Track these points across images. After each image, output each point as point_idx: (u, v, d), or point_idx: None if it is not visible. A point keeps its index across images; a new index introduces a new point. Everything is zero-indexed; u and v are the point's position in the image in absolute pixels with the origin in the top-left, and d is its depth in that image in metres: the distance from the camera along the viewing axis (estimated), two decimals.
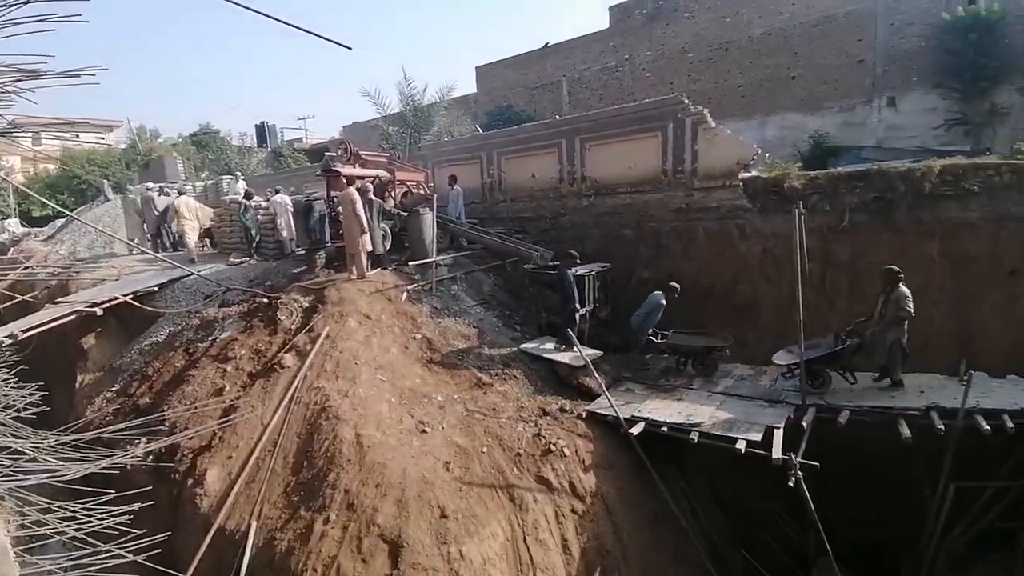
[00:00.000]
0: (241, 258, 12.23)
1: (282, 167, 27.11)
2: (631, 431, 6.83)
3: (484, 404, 7.30)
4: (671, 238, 10.87)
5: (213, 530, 5.75)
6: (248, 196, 12.70)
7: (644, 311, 8.66)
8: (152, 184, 15.99)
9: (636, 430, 6.86)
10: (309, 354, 7.51)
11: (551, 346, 8.74)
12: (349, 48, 3.89)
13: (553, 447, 6.54)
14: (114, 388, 8.69)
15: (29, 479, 3.18)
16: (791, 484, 5.80)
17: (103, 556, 3.00)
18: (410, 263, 10.23)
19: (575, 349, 8.09)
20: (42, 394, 3.99)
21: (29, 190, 12.86)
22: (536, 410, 7.31)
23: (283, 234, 12.14)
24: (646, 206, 11.24)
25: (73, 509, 3.18)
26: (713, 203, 10.44)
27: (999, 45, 15.56)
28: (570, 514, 6.12)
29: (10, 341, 7.28)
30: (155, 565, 3.44)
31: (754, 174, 10.28)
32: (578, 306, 8.68)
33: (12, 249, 16.13)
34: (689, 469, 7.90)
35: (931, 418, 6.42)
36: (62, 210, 9.43)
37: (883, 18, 17.47)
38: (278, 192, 12.77)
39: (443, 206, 12.02)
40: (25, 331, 8.17)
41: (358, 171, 10.82)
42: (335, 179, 10.56)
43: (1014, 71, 15.49)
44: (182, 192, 14.62)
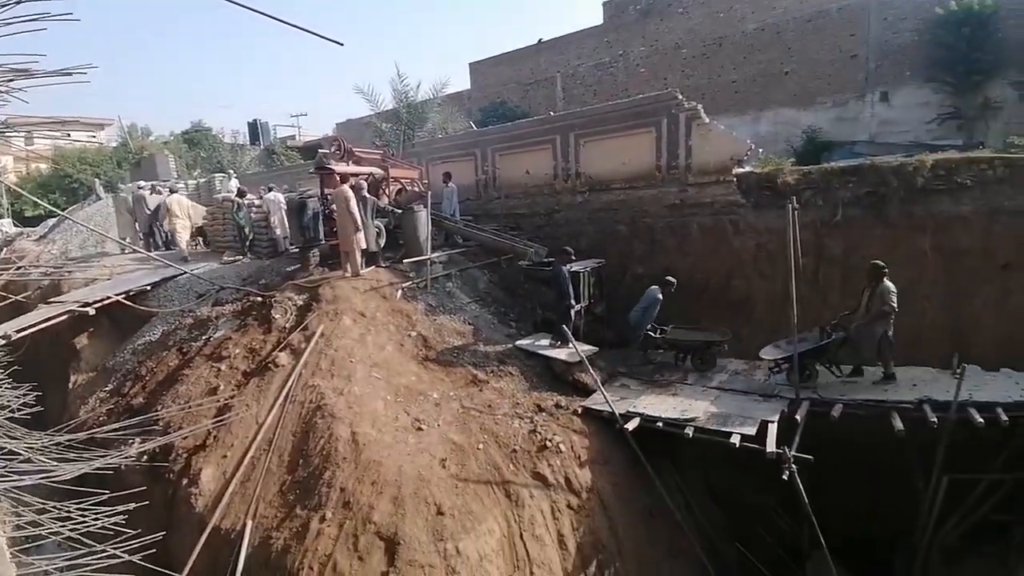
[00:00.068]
0: (234, 256, 12.17)
1: (275, 165, 26.98)
2: (626, 426, 6.86)
3: (480, 401, 7.30)
4: (665, 234, 10.89)
5: (208, 530, 5.74)
6: (241, 194, 12.62)
7: (641, 306, 8.68)
8: (144, 182, 15.92)
9: (631, 425, 6.90)
10: (304, 352, 7.49)
11: (546, 342, 8.76)
12: (341, 44, 3.86)
13: (549, 443, 6.56)
14: (107, 388, 8.64)
15: (24, 479, 3.17)
16: (785, 478, 5.86)
17: (98, 556, 3.00)
18: (405, 260, 10.22)
19: (570, 345, 8.10)
20: (36, 394, 3.97)
21: (21, 190, 12.78)
22: (532, 406, 7.32)
23: (276, 232, 12.09)
24: (640, 202, 11.26)
25: (68, 509, 3.18)
26: (707, 199, 10.46)
27: (992, 39, 15.62)
28: (566, 509, 6.14)
29: (3, 342, 7.23)
30: (150, 565, 3.44)
31: (748, 169, 10.29)
32: (573, 302, 8.70)
33: (5, 249, 16.02)
34: (684, 464, 7.95)
35: (924, 411, 6.46)
36: (54, 209, 9.40)
37: (876, 13, 17.53)
38: (271, 190, 12.72)
39: (437, 203, 12.00)
40: (18, 331, 8.14)
41: (352, 168, 10.77)
42: (329, 176, 10.51)
43: (1007, 65, 15.56)
44: (173, 190, 14.54)
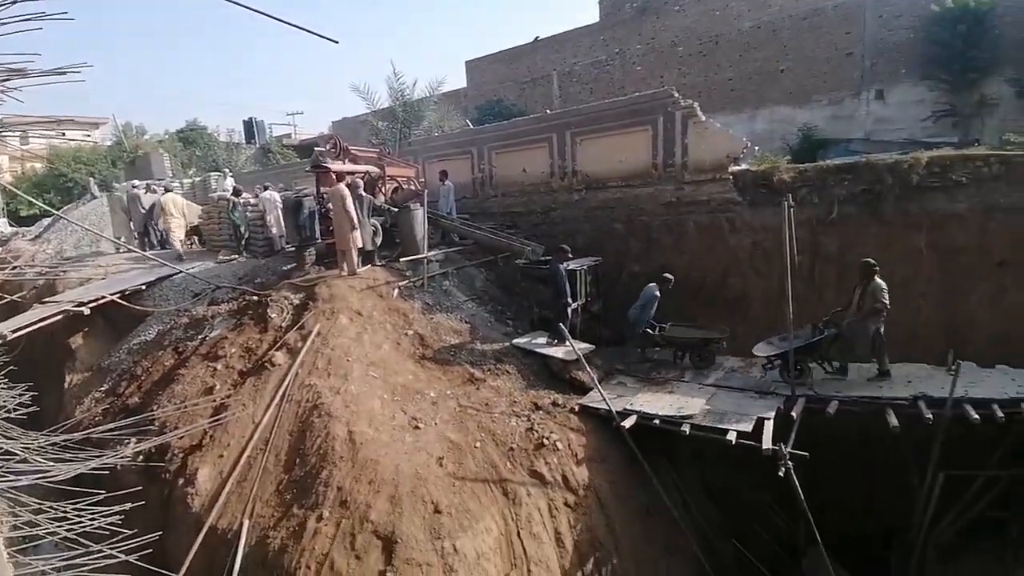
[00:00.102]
0: (230, 256, 12.13)
1: (271, 163, 26.91)
2: (623, 424, 6.87)
3: (477, 399, 7.30)
4: (662, 232, 10.90)
5: (205, 529, 5.72)
6: (236, 193, 12.58)
7: (639, 304, 8.68)
8: (138, 182, 15.84)
9: (628, 423, 6.90)
10: (300, 351, 7.47)
11: (543, 341, 8.76)
12: (336, 42, 3.85)
13: (546, 441, 6.56)
14: (103, 388, 8.60)
15: (21, 480, 3.18)
16: (781, 474, 5.87)
17: (95, 556, 3.00)
18: (401, 259, 10.20)
19: (567, 343, 8.11)
20: (31, 395, 3.96)
21: (17, 189, 12.70)
22: (529, 404, 7.33)
23: (272, 231, 12.05)
24: (637, 200, 11.26)
25: (64, 510, 3.17)
26: (703, 196, 10.48)
27: (988, 36, 15.58)
28: (563, 507, 6.15)
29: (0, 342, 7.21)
30: (147, 565, 3.44)
31: (744, 167, 10.31)
32: (570, 300, 8.71)
33: (1, 249, 15.92)
34: (681, 461, 7.96)
35: (919, 408, 6.48)
36: (49, 209, 9.33)
37: (872, 10, 17.55)
38: (267, 189, 12.68)
39: (434, 201, 11.98)
40: (14, 331, 8.09)
41: (348, 167, 10.74)
42: (325, 175, 10.48)
43: (1003, 62, 15.52)
44: (168, 189, 14.48)
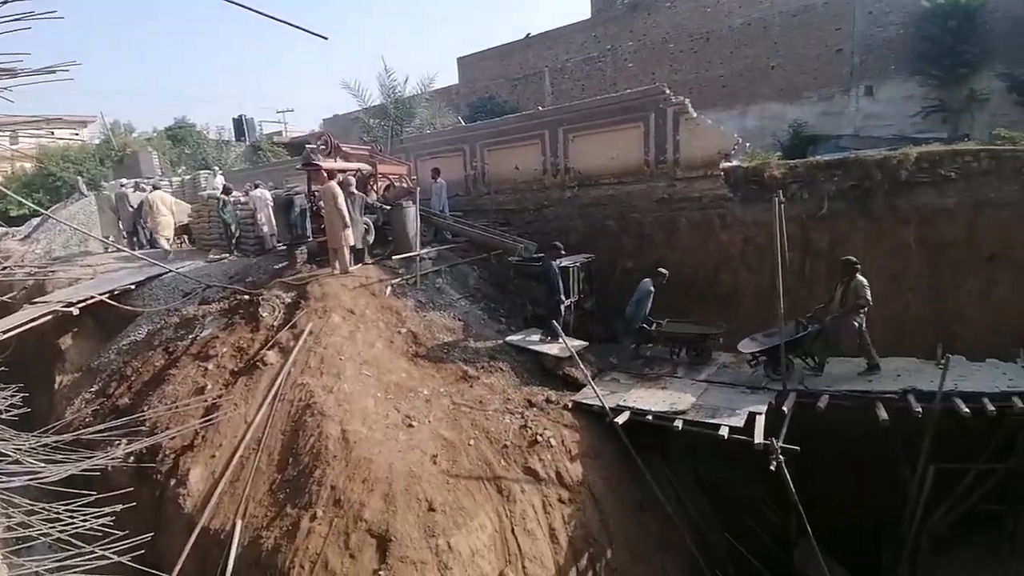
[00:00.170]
0: (221, 254, 12.04)
1: (261, 161, 26.69)
2: (616, 420, 6.88)
3: (470, 397, 7.30)
4: (654, 228, 10.93)
5: (197, 530, 5.70)
6: (227, 191, 12.47)
7: (634, 299, 8.68)
8: (126, 180, 15.68)
9: (621, 419, 6.92)
10: (292, 350, 7.44)
11: (537, 338, 8.76)
12: (325, 38, 3.82)
13: (540, 438, 6.57)
14: (93, 389, 8.53)
15: (13, 481, 3.17)
16: (772, 468, 5.92)
17: (88, 558, 3.00)
18: (394, 257, 10.17)
19: (561, 340, 8.12)
20: (22, 395, 3.94)
21: (6, 190, 12.56)
22: (522, 402, 7.34)
23: (263, 229, 11.96)
24: (629, 197, 11.29)
25: (56, 511, 3.17)
26: (695, 193, 10.52)
27: (979, 31, 15.63)
28: (557, 504, 6.17)
29: None
30: (139, 566, 3.42)
31: (735, 164, 10.36)
32: (563, 297, 8.71)
33: None
34: (674, 456, 8.01)
35: (908, 401, 6.54)
36: (38, 208, 9.29)
37: (861, 7, 17.64)
38: (257, 187, 12.57)
39: (426, 199, 11.94)
40: (4, 332, 8.00)
41: (339, 164, 10.68)
42: (316, 173, 10.41)
43: (994, 57, 15.55)
44: (157, 187, 14.32)
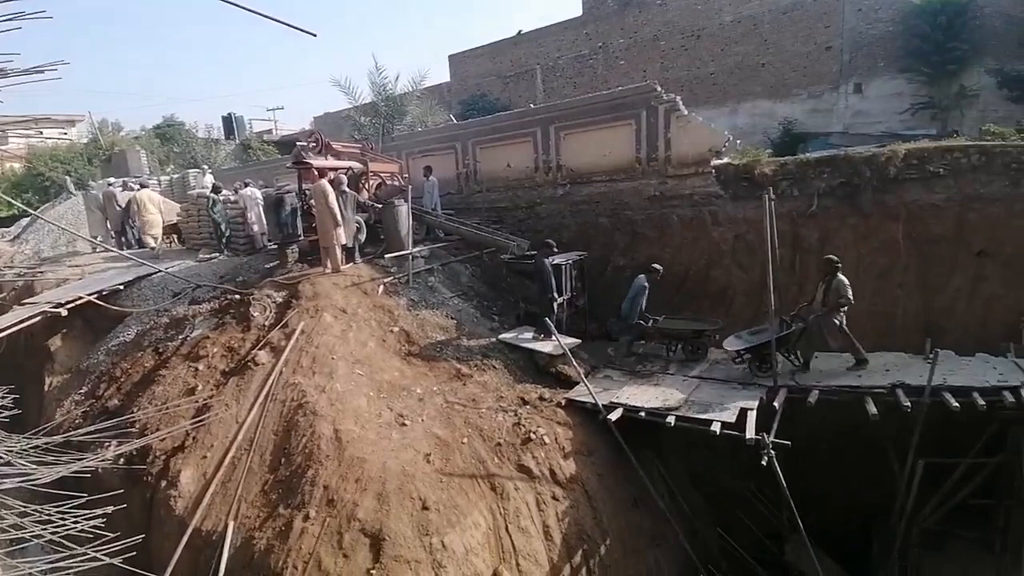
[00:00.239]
0: (211, 254, 11.93)
1: (251, 160, 26.46)
2: (610, 417, 6.92)
3: (464, 395, 7.30)
4: (646, 226, 10.96)
5: (189, 532, 5.65)
6: (216, 190, 12.35)
7: (629, 296, 8.68)
8: (114, 179, 15.48)
9: (614, 416, 6.95)
10: (284, 350, 7.40)
11: (530, 335, 8.77)
12: (314, 35, 3.80)
13: (533, 435, 6.58)
14: (82, 390, 8.43)
15: (4, 483, 3.17)
16: (764, 463, 5.97)
17: (80, 559, 3.01)
18: (386, 255, 10.13)
19: (554, 338, 8.13)
20: (13, 397, 3.91)
21: None
22: (516, 399, 7.34)
23: (254, 228, 11.87)
24: (621, 194, 11.31)
25: (48, 512, 3.16)
26: (686, 190, 10.55)
27: (969, 27, 15.66)
28: (551, 501, 6.17)
29: None
30: (131, 568, 3.41)
31: (726, 161, 10.40)
32: (556, 295, 8.73)
33: None
34: (666, 452, 8.06)
35: (897, 396, 6.61)
36: (27, 209, 9.22)
37: (851, 4, 17.71)
38: (247, 185, 12.47)
39: (418, 197, 11.90)
40: None
41: (330, 163, 10.62)
42: (307, 171, 10.36)
43: (984, 52, 15.60)
44: (144, 185, 14.14)
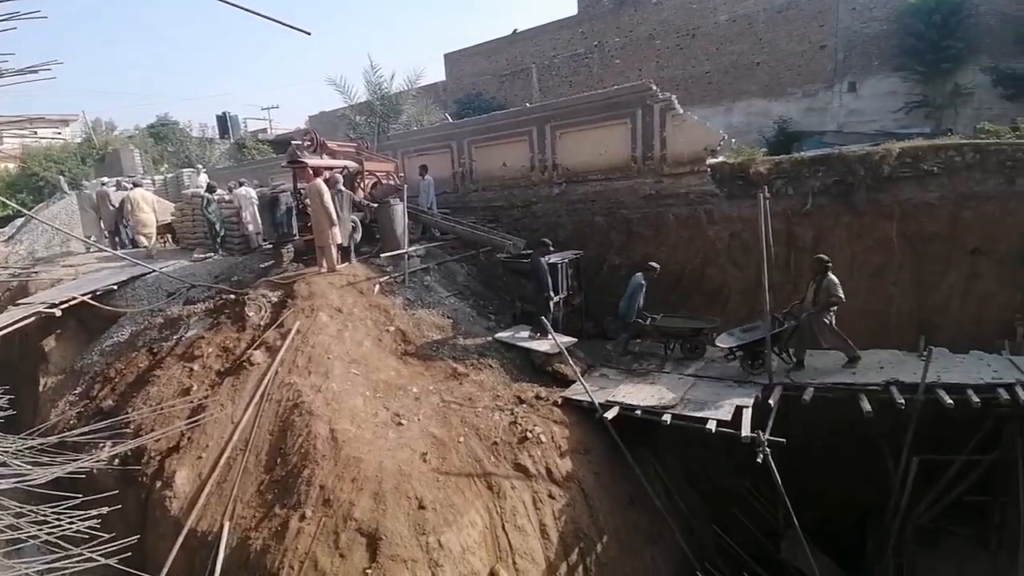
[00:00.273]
0: (205, 254, 11.87)
1: (246, 159, 26.36)
2: (606, 416, 6.93)
3: (460, 394, 7.30)
4: (642, 224, 10.98)
5: (184, 532, 5.63)
6: (211, 189, 12.29)
7: (627, 294, 8.68)
8: (107, 178, 15.38)
9: (611, 414, 6.96)
10: (279, 350, 7.37)
11: (526, 334, 8.77)
12: (308, 34, 3.79)
13: (529, 434, 6.58)
14: (76, 391, 8.38)
15: (1, 483, 3.18)
16: (759, 461, 5.99)
17: (75, 560, 3.02)
18: (381, 255, 10.12)
19: (550, 337, 8.14)
20: (8, 398, 3.89)
21: None
22: (512, 398, 7.35)
23: (249, 228, 11.81)
24: (616, 193, 11.32)
25: (44, 513, 3.17)
26: (682, 189, 10.57)
27: (964, 25, 15.71)
28: (547, 499, 6.18)
29: None
30: (126, 568, 3.41)
31: (721, 160, 10.41)
32: (552, 294, 8.72)
33: None
34: (663, 450, 8.07)
35: (891, 393, 6.64)
36: (21, 209, 9.20)
37: (845, 2, 17.78)
38: (242, 185, 12.40)
39: (414, 196, 11.89)
40: None
41: (326, 162, 10.58)
42: (302, 170, 10.31)
43: (980, 50, 15.64)
44: (138, 184, 14.03)
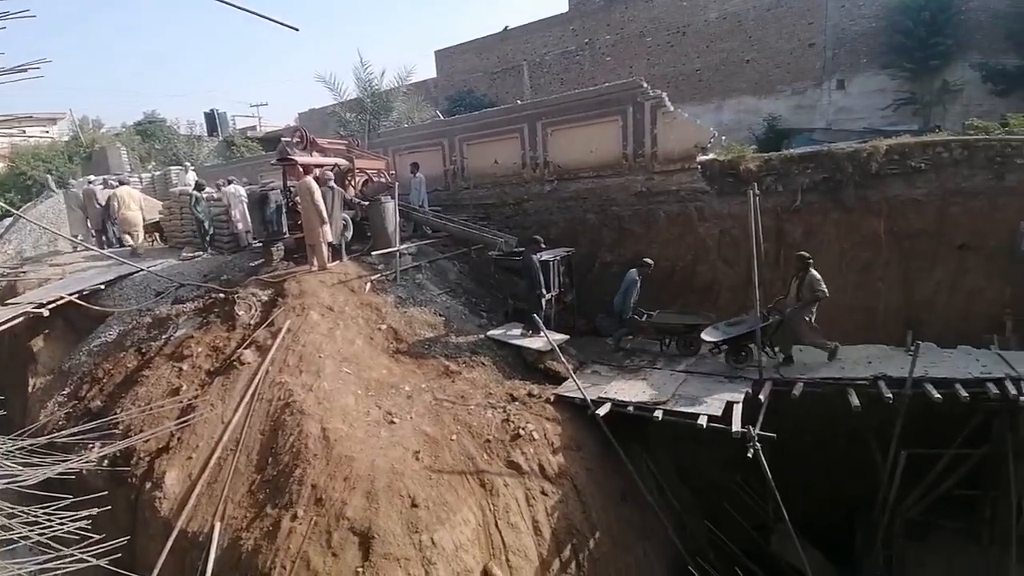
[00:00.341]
0: (194, 252, 11.76)
1: (234, 156, 26.10)
2: (598, 412, 6.95)
3: (452, 392, 7.30)
4: (633, 222, 11.01)
5: (175, 533, 5.60)
6: (199, 187, 12.17)
7: (621, 290, 8.70)
8: (94, 177, 15.19)
9: (603, 411, 6.98)
10: (270, 349, 7.33)
11: (518, 332, 8.78)
12: (296, 29, 3.77)
13: (522, 431, 6.59)
14: (65, 391, 8.29)
15: None
16: (750, 456, 6.04)
17: (67, 560, 3.02)
18: (373, 253, 10.07)
19: (542, 334, 8.15)
20: None
21: None
22: (504, 396, 7.35)
23: (238, 226, 11.71)
24: (608, 190, 11.33)
25: (35, 514, 3.17)
26: (673, 186, 10.61)
27: (953, 22, 15.81)
28: (540, 496, 6.20)
29: None
30: (117, 569, 3.39)
31: (711, 157, 10.44)
32: (544, 291, 8.73)
33: None
34: (654, 446, 8.11)
35: (879, 387, 6.71)
36: (9, 208, 9.08)
37: (835, 0, 17.90)
38: (231, 182, 12.29)
39: (405, 194, 11.84)
40: None
41: (316, 159, 10.51)
42: (292, 168, 10.24)
43: (969, 47, 15.74)
44: (124, 182, 13.84)
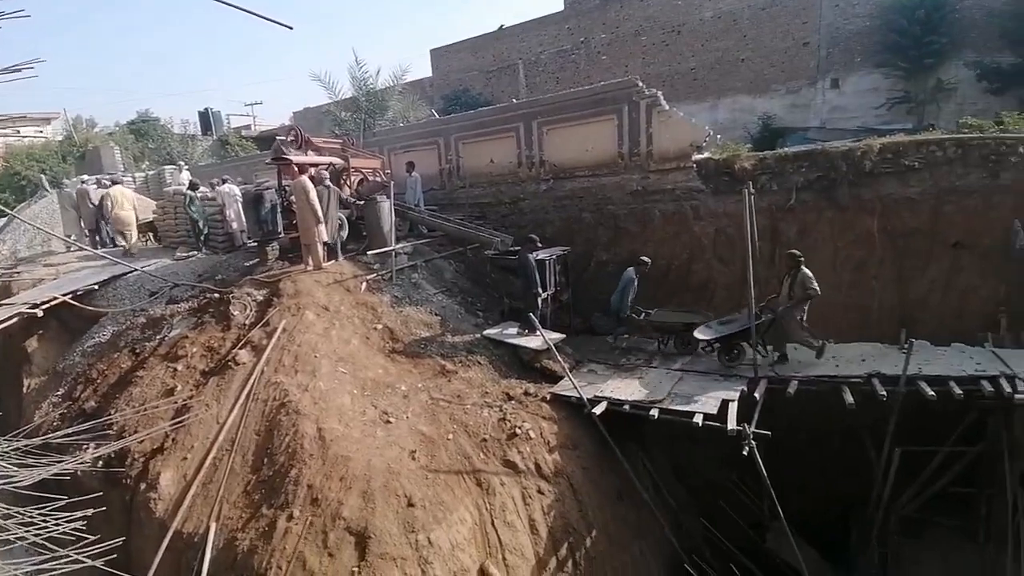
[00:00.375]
0: (188, 252, 11.71)
1: (229, 156, 26.01)
2: (594, 411, 6.96)
3: (448, 391, 7.29)
4: (629, 220, 11.02)
5: (170, 534, 5.58)
6: (193, 187, 12.11)
7: (619, 289, 8.71)
8: (87, 176, 15.09)
9: (599, 410, 7.00)
10: (265, 349, 7.30)
11: (514, 331, 8.78)
12: (290, 28, 3.76)
13: (519, 431, 6.60)
14: (59, 392, 8.26)
15: None
16: (745, 454, 6.06)
17: (62, 561, 3.02)
18: (368, 252, 10.05)
19: (538, 333, 8.15)
20: None
21: None
22: (501, 395, 7.36)
23: (233, 226, 11.66)
24: (604, 189, 11.34)
25: (30, 515, 3.17)
26: (668, 185, 10.62)
27: (948, 20, 15.86)
28: (537, 495, 6.21)
29: None
30: (112, 570, 3.38)
31: (706, 156, 10.45)
32: (540, 290, 8.73)
33: None
34: (650, 445, 8.14)
35: (873, 385, 6.75)
36: (4, 208, 9.04)
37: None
38: (225, 182, 12.23)
39: (401, 193, 11.82)
40: None
41: (311, 158, 10.47)
42: (286, 167, 10.21)
43: (963, 45, 15.80)
44: (116, 181, 13.75)
